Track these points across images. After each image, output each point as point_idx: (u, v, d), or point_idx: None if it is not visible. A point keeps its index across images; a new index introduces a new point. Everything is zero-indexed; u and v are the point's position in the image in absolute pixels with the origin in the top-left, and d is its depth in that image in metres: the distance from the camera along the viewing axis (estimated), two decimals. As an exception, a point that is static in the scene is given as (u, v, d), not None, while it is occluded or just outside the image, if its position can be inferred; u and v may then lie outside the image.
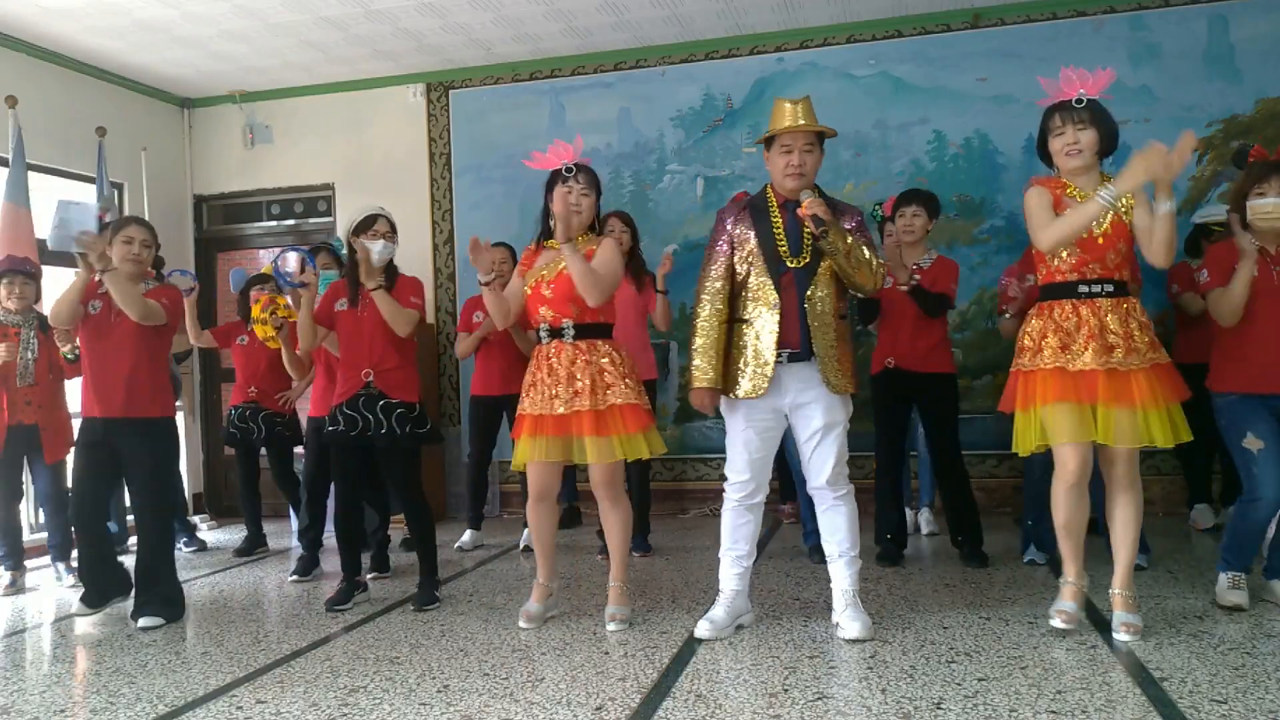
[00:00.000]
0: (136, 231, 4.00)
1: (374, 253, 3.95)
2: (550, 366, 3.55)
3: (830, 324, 3.30)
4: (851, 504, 3.42)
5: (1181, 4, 5.67)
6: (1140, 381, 3.11)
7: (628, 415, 3.51)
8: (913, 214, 4.48)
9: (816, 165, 3.35)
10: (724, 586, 3.49)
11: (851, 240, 3.25)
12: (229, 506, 7.13)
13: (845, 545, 3.39)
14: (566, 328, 3.55)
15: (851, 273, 3.28)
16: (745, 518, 3.44)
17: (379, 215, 4.03)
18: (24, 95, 5.71)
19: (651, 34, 6.17)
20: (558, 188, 3.58)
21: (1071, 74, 3.21)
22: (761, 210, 3.38)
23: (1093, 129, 3.17)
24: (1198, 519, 5.13)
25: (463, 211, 6.72)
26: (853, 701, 2.72)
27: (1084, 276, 3.20)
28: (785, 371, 3.30)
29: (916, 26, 6.03)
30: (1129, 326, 3.15)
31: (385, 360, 3.99)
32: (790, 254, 3.30)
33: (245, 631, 3.82)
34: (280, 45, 6.16)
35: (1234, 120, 5.57)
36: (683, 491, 6.34)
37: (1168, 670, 2.87)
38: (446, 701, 2.87)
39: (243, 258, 7.22)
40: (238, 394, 5.52)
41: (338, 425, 3.99)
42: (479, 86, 6.73)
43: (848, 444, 3.40)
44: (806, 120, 3.30)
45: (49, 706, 3.01)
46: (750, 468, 3.40)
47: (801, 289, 3.29)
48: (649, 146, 6.42)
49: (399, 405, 3.98)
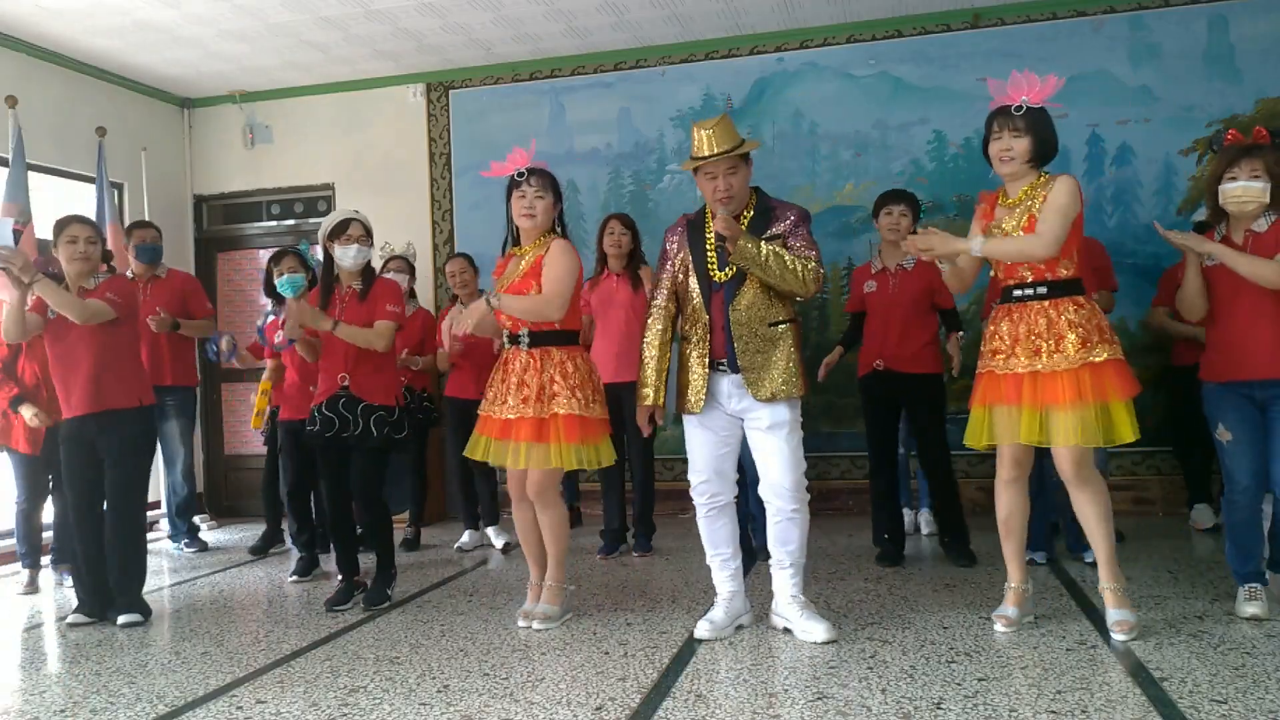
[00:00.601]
0: (79, 230, 3.98)
1: (346, 259, 3.99)
2: (505, 371, 3.63)
3: (758, 333, 3.30)
4: (805, 518, 3.36)
5: (1181, 4, 5.67)
6: (1065, 382, 3.10)
7: (568, 425, 3.53)
8: (900, 213, 4.49)
9: (745, 180, 3.35)
10: (720, 590, 3.50)
11: (765, 250, 3.22)
12: (229, 506, 7.14)
13: (796, 555, 3.37)
14: (523, 335, 3.60)
15: (774, 281, 3.26)
16: (718, 521, 3.46)
17: (352, 220, 4.03)
18: (24, 95, 5.72)
19: (651, 34, 6.17)
20: (513, 194, 3.63)
21: (1021, 79, 3.21)
22: (698, 228, 3.44)
23: (1028, 137, 3.18)
24: (1198, 519, 5.13)
25: (463, 211, 6.72)
26: (853, 701, 2.72)
27: (1019, 280, 3.25)
28: (726, 380, 3.35)
29: (916, 26, 6.03)
30: (1057, 328, 3.15)
31: (361, 364, 4.00)
32: (718, 268, 3.36)
33: (245, 631, 3.82)
34: (280, 45, 6.16)
35: (1234, 120, 5.56)
36: (683, 491, 6.28)
37: (1168, 670, 2.87)
38: (446, 701, 2.87)
39: (243, 258, 7.22)
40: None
41: (315, 425, 4.01)
42: (479, 86, 6.73)
43: (802, 449, 3.36)
44: (720, 145, 3.27)
45: (49, 706, 3.01)
46: (709, 465, 3.41)
47: (728, 301, 3.32)
48: (649, 146, 6.42)
49: (378, 408, 4.01)
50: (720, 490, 3.44)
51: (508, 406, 3.57)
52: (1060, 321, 3.15)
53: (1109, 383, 3.12)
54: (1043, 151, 3.22)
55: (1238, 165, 3.29)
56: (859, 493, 5.97)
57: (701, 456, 3.43)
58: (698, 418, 3.39)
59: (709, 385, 3.35)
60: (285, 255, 4.89)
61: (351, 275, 4.09)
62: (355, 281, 4.09)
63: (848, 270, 6.03)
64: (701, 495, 3.45)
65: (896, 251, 4.49)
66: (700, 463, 3.44)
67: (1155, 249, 5.66)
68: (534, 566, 3.78)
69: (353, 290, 4.08)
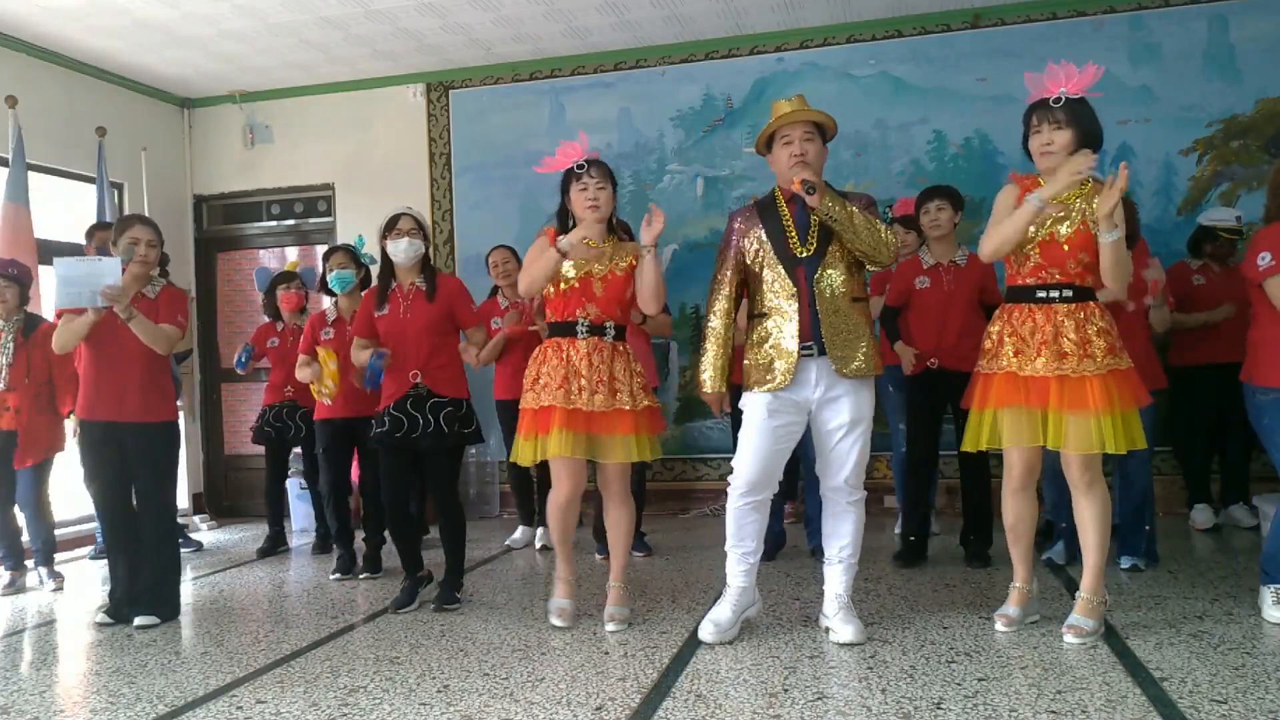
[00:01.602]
0: (142, 232, 3.94)
1: (398, 254, 3.94)
2: (590, 362, 3.49)
3: (841, 309, 3.23)
4: (862, 510, 3.37)
5: (1181, 4, 5.67)
6: (1094, 388, 3.08)
7: (656, 418, 3.58)
8: (937, 208, 4.41)
9: (820, 156, 3.27)
10: (731, 582, 3.40)
11: (850, 207, 3.18)
12: (229, 507, 7.14)
13: (847, 552, 3.35)
14: (608, 328, 3.54)
15: (859, 241, 3.18)
16: (752, 516, 3.35)
17: (403, 214, 3.98)
18: (24, 95, 5.71)
19: (651, 34, 6.17)
20: (573, 186, 3.56)
21: (1058, 70, 3.14)
22: (769, 208, 3.35)
23: (1069, 129, 3.12)
24: (1197, 519, 5.13)
25: (463, 211, 6.72)
26: (853, 701, 2.72)
27: (1043, 281, 3.19)
28: (812, 364, 3.23)
29: (916, 26, 6.03)
30: (1085, 333, 3.12)
31: (433, 358, 3.95)
32: (799, 244, 3.26)
33: (245, 631, 3.82)
34: (280, 45, 6.16)
35: (1234, 120, 5.58)
36: (683, 491, 6.34)
37: (1168, 670, 2.87)
38: (446, 701, 2.87)
39: (243, 258, 7.22)
40: (272, 394, 5.49)
41: (384, 426, 3.93)
42: (479, 86, 6.73)
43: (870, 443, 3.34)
44: (802, 108, 3.27)
45: (49, 706, 3.01)
46: (762, 467, 3.28)
47: (810, 277, 3.23)
48: (649, 146, 6.42)
49: (448, 403, 3.94)
50: (763, 491, 3.33)
51: (598, 400, 3.46)
52: (1088, 327, 3.13)
53: (1130, 391, 3.13)
54: (1087, 144, 3.14)
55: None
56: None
57: (755, 456, 3.27)
58: (766, 407, 3.24)
59: (796, 368, 3.21)
60: (336, 251, 4.90)
61: (409, 272, 4.01)
62: (415, 278, 4.01)
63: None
64: (742, 490, 3.31)
65: (944, 247, 4.44)
66: (752, 462, 3.28)
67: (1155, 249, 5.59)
68: (569, 563, 3.75)
69: (415, 288, 4.00)
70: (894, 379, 4.84)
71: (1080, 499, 3.23)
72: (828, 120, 3.29)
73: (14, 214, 5.48)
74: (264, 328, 5.65)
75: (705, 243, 6.16)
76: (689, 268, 6.05)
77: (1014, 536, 3.36)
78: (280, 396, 5.44)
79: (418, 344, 3.93)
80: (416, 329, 3.92)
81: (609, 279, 3.54)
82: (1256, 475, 5.13)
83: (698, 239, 6.24)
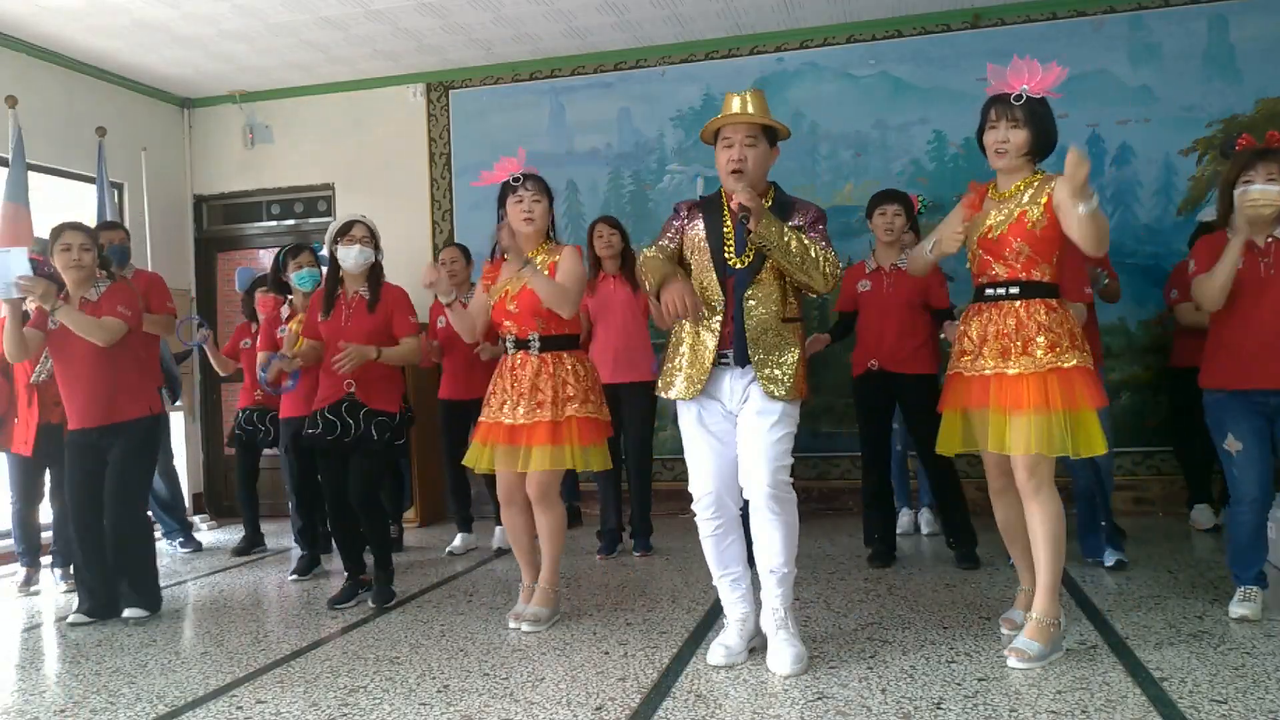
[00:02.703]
0: (72, 237, 3.95)
1: (347, 260, 4.00)
2: (515, 376, 3.60)
3: (770, 328, 3.06)
4: (790, 516, 3.06)
5: (1181, 4, 5.67)
6: (1031, 386, 2.92)
7: (584, 427, 3.57)
8: (894, 212, 4.47)
9: (762, 161, 3.09)
10: (731, 614, 3.19)
11: (788, 234, 3.00)
12: (229, 506, 7.12)
13: (778, 560, 3.04)
14: (532, 340, 3.59)
15: (792, 269, 3.02)
16: (727, 539, 3.17)
17: (356, 221, 4.04)
18: (24, 95, 5.71)
19: (651, 34, 6.17)
20: (509, 200, 3.63)
21: (1022, 66, 2.99)
22: (714, 207, 3.19)
23: (1026, 129, 2.97)
24: (1197, 519, 5.13)
25: (463, 211, 6.72)
26: (853, 701, 2.72)
27: (992, 280, 3.07)
28: (728, 374, 3.09)
29: (916, 26, 6.03)
30: (1026, 329, 2.96)
31: (368, 371, 3.99)
32: (735, 254, 3.09)
33: (245, 631, 3.82)
34: (280, 45, 6.16)
35: (1234, 120, 5.57)
36: (683, 491, 6.29)
37: (1168, 670, 2.87)
38: (446, 701, 2.87)
39: (243, 258, 7.22)
40: (245, 396, 5.50)
41: (317, 428, 4.01)
42: (479, 86, 6.73)
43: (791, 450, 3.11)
44: (751, 110, 3.09)
45: (49, 706, 3.01)
46: (713, 476, 3.12)
47: (740, 291, 3.07)
48: (649, 146, 6.42)
49: (380, 413, 4.03)
50: (726, 505, 3.15)
51: (519, 413, 3.55)
52: (1030, 323, 2.97)
53: (1078, 390, 2.93)
54: (1041, 145, 3.04)
55: (1253, 169, 3.25)
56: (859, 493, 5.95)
57: (704, 467, 3.14)
58: (695, 419, 3.13)
59: (709, 378, 3.08)
60: (301, 250, 4.91)
61: (356, 279, 4.08)
62: (361, 287, 4.08)
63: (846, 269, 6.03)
64: (706, 511, 3.15)
65: (891, 251, 4.48)
66: (703, 474, 3.15)
67: (1155, 249, 5.67)
68: (527, 569, 3.78)
69: (359, 297, 4.07)
70: None
71: (1026, 504, 3.04)
72: (776, 125, 3.13)
73: (14, 214, 5.47)
74: (240, 328, 5.67)
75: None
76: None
77: (1008, 539, 3.27)
78: (251, 400, 5.45)
79: None
80: (354, 338, 3.97)
81: (521, 294, 3.57)
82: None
83: (698, 239, 6.23)
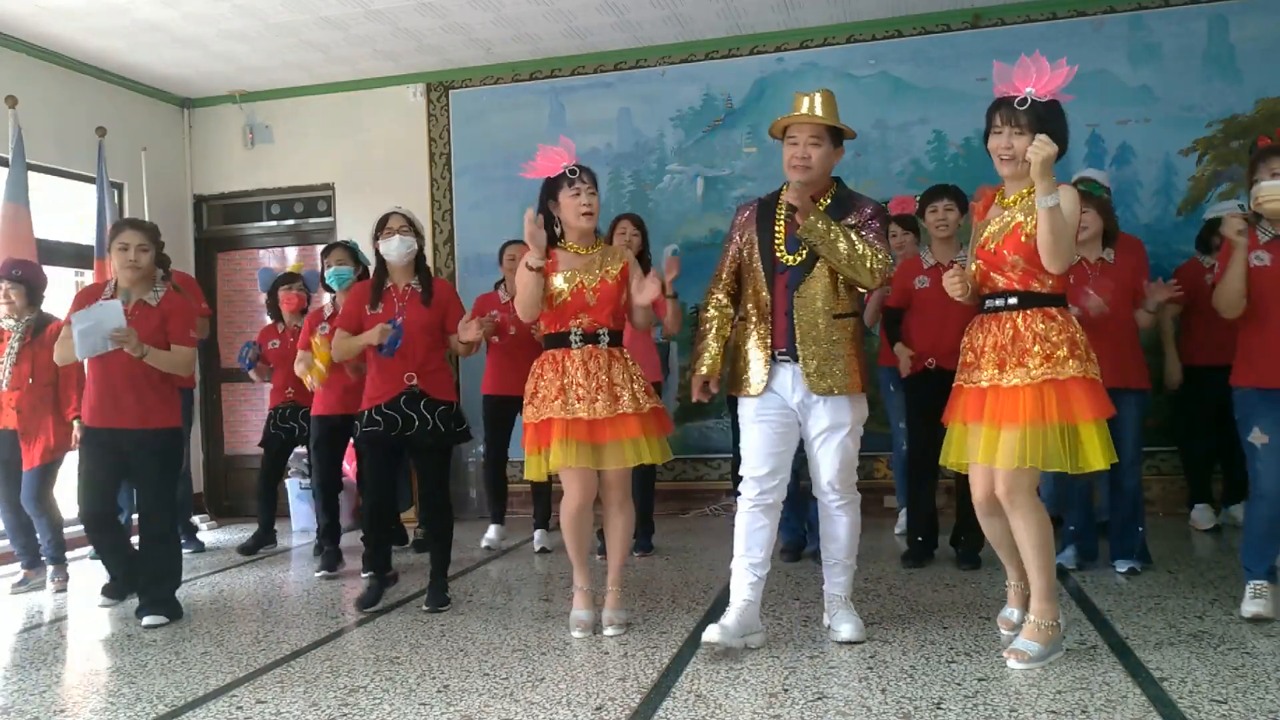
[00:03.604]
0: (130, 236, 3.90)
1: (390, 253, 3.94)
2: (586, 370, 3.45)
3: (821, 324, 3.17)
4: (855, 513, 3.33)
5: (1181, 4, 5.67)
6: (1026, 398, 2.89)
7: (662, 419, 3.56)
8: (945, 208, 4.39)
9: (826, 160, 3.23)
10: (735, 597, 3.27)
11: (836, 230, 3.10)
12: (229, 506, 7.13)
13: (842, 554, 3.34)
14: (603, 334, 3.51)
15: (840, 266, 3.14)
16: (761, 521, 3.26)
17: (392, 213, 3.99)
18: (24, 95, 5.71)
19: (651, 34, 6.17)
20: (563, 192, 3.51)
21: (1029, 65, 2.88)
22: (769, 208, 3.32)
23: (1029, 135, 2.85)
24: (1198, 519, 5.13)
25: (463, 211, 6.72)
26: (853, 701, 2.72)
27: (992, 290, 3.05)
28: (785, 370, 3.22)
29: (916, 26, 6.03)
30: (1023, 340, 2.93)
31: (428, 361, 3.96)
32: (786, 251, 3.23)
33: (245, 631, 3.82)
34: (280, 45, 6.16)
35: (1234, 120, 5.57)
36: (683, 491, 6.33)
37: (1168, 670, 2.87)
38: (446, 701, 2.87)
39: (243, 258, 7.22)
40: (276, 396, 5.50)
41: (376, 425, 3.91)
42: (479, 86, 6.73)
43: (857, 450, 3.27)
44: (821, 112, 3.22)
45: (49, 706, 3.01)
46: (769, 459, 3.23)
47: (793, 288, 3.20)
48: (649, 146, 6.42)
49: (442, 403, 3.97)
50: (772, 487, 3.25)
51: (601, 405, 3.41)
52: (1026, 333, 2.93)
53: (1075, 402, 2.88)
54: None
55: (1268, 164, 3.28)
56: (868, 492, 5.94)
57: (757, 450, 3.24)
58: (755, 408, 3.23)
59: (769, 374, 3.21)
60: (334, 248, 4.92)
61: (403, 272, 4.01)
62: (411, 279, 4.02)
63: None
64: (751, 490, 3.25)
65: (947, 247, 4.42)
66: (756, 457, 3.24)
67: (1155, 249, 5.63)
68: (586, 572, 3.61)
69: (411, 290, 4.00)
70: (895, 379, 4.83)
71: (1011, 518, 3.01)
72: (845, 128, 3.24)
73: (14, 214, 5.47)
74: (266, 329, 5.65)
75: (705, 243, 6.16)
76: (689, 268, 5.91)
77: (997, 547, 3.23)
78: (283, 398, 5.45)
79: (413, 346, 3.92)
80: (413, 331, 3.92)
81: (600, 287, 3.51)
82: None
83: (698, 239, 6.23)
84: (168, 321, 3.93)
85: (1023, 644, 2.97)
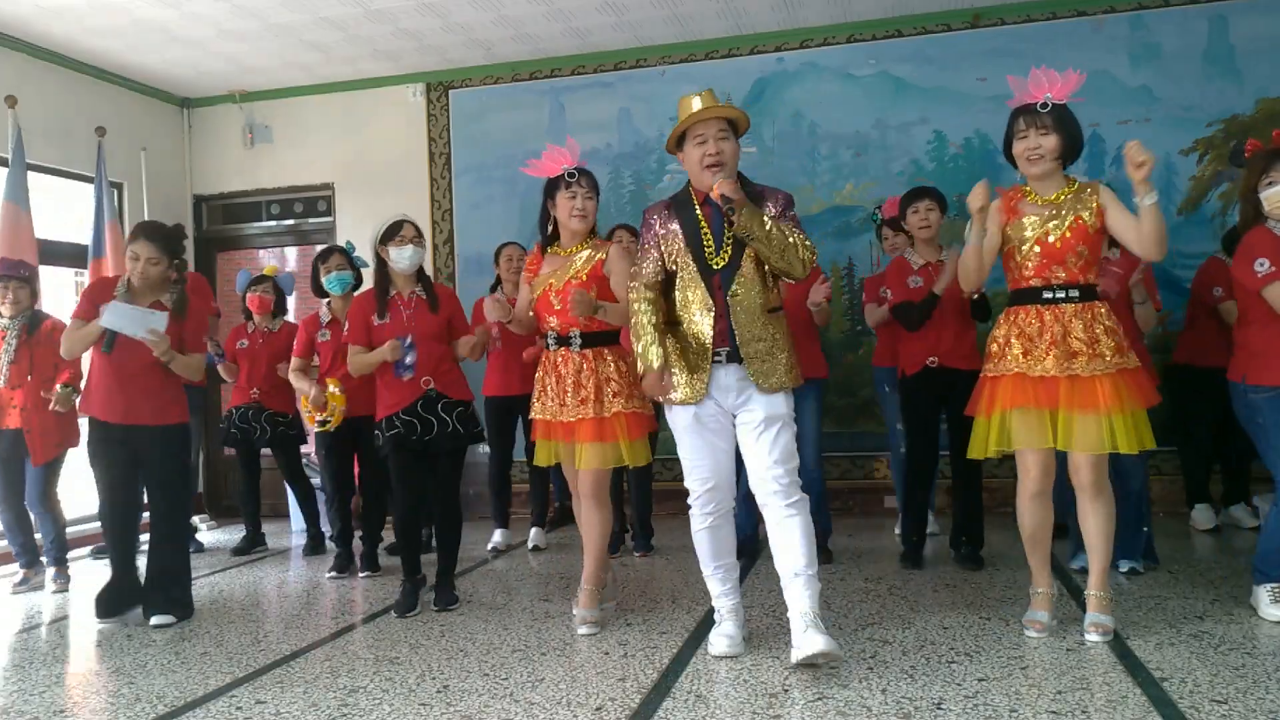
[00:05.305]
0: (142, 248, 3.90)
1: (403, 261, 3.92)
2: (558, 374, 3.57)
3: (758, 320, 3.10)
4: (806, 515, 3.08)
5: (1181, 4, 5.67)
6: (1105, 387, 3.07)
7: (630, 422, 3.53)
8: (927, 208, 4.39)
9: (735, 154, 3.14)
10: (723, 604, 3.26)
11: (769, 223, 3.02)
12: (229, 506, 7.13)
13: (803, 564, 3.02)
14: (574, 337, 3.54)
15: (774, 258, 3.05)
16: (723, 530, 3.23)
17: (405, 221, 3.97)
18: (24, 95, 5.71)
19: (651, 34, 6.17)
20: (560, 193, 3.55)
21: (1041, 75, 3.15)
22: (685, 209, 3.20)
23: (1055, 134, 3.14)
24: (1198, 519, 5.12)
25: (463, 211, 6.72)
26: (853, 701, 2.72)
27: (1048, 282, 3.17)
28: (724, 372, 3.12)
29: (916, 26, 6.03)
30: (1094, 332, 3.11)
31: (440, 364, 3.96)
32: (714, 252, 3.13)
33: (245, 631, 3.82)
34: (280, 45, 6.16)
35: (1234, 120, 5.57)
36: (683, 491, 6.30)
37: (1168, 670, 2.87)
38: (446, 701, 2.87)
39: (243, 258, 7.22)
40: (238, 395, 5.51)
41: (397, 430, 3.90)
42: (479, 86, 6.73)
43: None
44: (713, 105, 3.13)
45: (49, 706, 3.01)
46: (713, 470, 3.17)
47: (726, 288, 3.11)
48: (649, 146, 6.42)
49: (459, 404, 3.99)
50: (723, 499, 3.21)
51: (567, 409, 3.52)
52: (1095, 326, 3.12)
53: (1141, 390, 3.12)
54: (1070, 149, 3.18)
55: (1274, 168, 3.29)
56: (860, 492, 5.97)
57: (703, 461, 3.17)
58: (692, 417, 3.15)
59: (709, 379, 3.11)
60: (332, 253, 4.90)
61: (408, 280, 4.01)
62: (415, 287, 4.01)
63: (848, 270, 6.03)
64: (705, 505, 3.19)
65: (930, 248, 4.42)
66: (703, 468, 3.17)
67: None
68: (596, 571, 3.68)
69: (417, 297, 3.99)
70: (890, 380, 4.83)
71: (1087, 503, 3.20)
72: (740, 116, 3.18)
73: (14, 214, 5.47)
74: (236, 329, 5.68)
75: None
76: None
77: (1032, 544, 3.31)
78: (246, 398, 5.45)
79: (426, 352, 3.93)
80: (423, 338, 3.92)
81: (564, 290, 3.52)
82: (1257, 475, 5.11)
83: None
84: (185, 336, 3.99)
85: (1101, 618, 3.17)
